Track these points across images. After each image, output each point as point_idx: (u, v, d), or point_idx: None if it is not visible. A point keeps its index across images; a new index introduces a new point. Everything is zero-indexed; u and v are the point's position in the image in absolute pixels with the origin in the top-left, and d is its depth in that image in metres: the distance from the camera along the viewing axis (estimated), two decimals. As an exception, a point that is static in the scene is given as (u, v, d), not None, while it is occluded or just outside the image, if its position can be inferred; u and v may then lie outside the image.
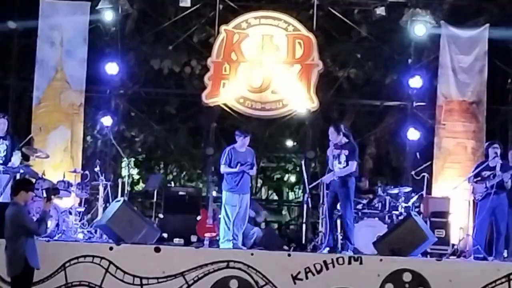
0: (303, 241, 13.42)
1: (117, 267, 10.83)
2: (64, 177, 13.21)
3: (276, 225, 19.28)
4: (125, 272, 10.83)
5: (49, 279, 10.70)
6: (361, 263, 10.95)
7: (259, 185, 23.21)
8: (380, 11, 15.34)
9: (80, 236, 12.47)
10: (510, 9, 15.73)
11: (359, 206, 13.15)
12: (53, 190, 10.12)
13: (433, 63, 15.70)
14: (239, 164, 12.41)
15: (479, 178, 12.16)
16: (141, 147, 19.65)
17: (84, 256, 10.86)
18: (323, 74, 15.32)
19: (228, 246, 12.15)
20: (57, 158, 14.46)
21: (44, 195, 9.79)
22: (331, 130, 12.05)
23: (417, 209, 13.26)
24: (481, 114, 14.96)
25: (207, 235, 12.98)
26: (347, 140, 12.01)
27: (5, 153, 12.53)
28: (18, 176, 12.22)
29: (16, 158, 12.47)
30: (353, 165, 11.86)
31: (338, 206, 12.10)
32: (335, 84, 16.84)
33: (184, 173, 21.46)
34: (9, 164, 12.42)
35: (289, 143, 21.45)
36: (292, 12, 15.62)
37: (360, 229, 12.41)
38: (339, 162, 11.86)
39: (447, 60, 15.05)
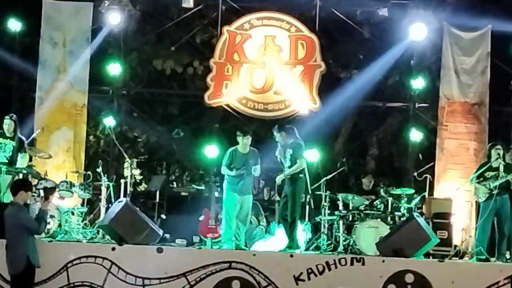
0: (306, 242, 13.41)
1: (119, 268, 10.84)
2: (66, 177, 13.24)
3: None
4: (127, 273, 10.84)
5: (51, 279, 10.71)
6: (363, 264, 10.96)
7: (261, 186, 23.17)
8: (383, 12, 15.34)
9: (82, 236, 12.45)
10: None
11: (362, 207, 13.14)
12: (50, 189, 10.16)
13: (435, 64, 15.70)
14: (234, 169, 12.39)
15: (481, 179, 12.16)
16: (144, 147, 19.63)
17: (87, 257, 10.87)
18: (325, 75, 15.31)
19: (229, 246, 12.14)
20: (60, 159, 14.47)
21: (42, 194, 9.83)
22: (274, 132, 12.41)
23: (419, 210, 13.24)
24: (484, 116, 14.96)
25: (210, 235, 12.97)
26: (292, 140, 12.27)
27: (11, 153, 12.57)
28: (20, 177, 12.23)
29: (23, 160, 12.51)
30: (302, 163, 12.13)
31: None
32: (337, 85, 16.82)
33: (187, 173, 21.43)
34: (17, 165, 12.45)
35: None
36: (295, 13, 15.61)
37: (362, 230, 12.40)
38: (285, 161, 12.06)
39: (450, 61, 15.06)
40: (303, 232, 12.75)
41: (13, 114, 12.91)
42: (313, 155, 14.21)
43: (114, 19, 15.14)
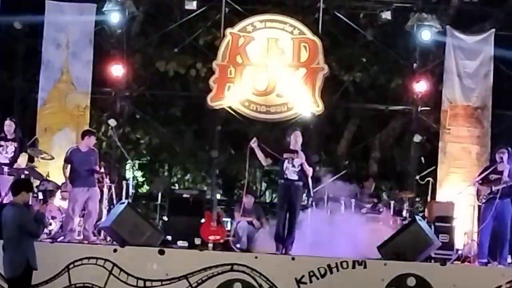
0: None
1: (121, 269, 10.84)
2: (68, 178, 13.20)
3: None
4: (128, 274, 10.84)
5: (52, 280, 10.72)
6: (365, 267, 10.95)
7: (263, 188, 23.20)
8: (386, 15, 15.33)
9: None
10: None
11: (364, 210, 13.14)
12: (49, 192, 10.05)
13: (438, 67, 15.70)
14: None
15: (485, 181, 12.16)
16: (146, 149, 19.64)
17: (88, 258, 10.87)
18: (328, 78, 15.30)
19: None
20: (62, 160, 14.44)
21: (41, 197, 9.69)
22: (299, 133, 12.01)
23: (421, 214, 13.26)
24: (486, 119, 14.97)
25: (211, 238, 12.97)
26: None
27: (13, 154, 12.62)
28: (22, 177, 12.24)
29: (22, 160, 12.53)
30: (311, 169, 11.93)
31: None
32: (340, 88, 16.83)
33: (189, 175, 21.44)
34: (15, 165, 12.46)
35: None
36: (298, 16, 15.61)
37: (365, 233, 12.39)
38: (293, 166, 11.81)
39: (452, 65, 15.06)
40: None
41: (13, 116, 12.94)
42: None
43: (117, 20, 15.15)
